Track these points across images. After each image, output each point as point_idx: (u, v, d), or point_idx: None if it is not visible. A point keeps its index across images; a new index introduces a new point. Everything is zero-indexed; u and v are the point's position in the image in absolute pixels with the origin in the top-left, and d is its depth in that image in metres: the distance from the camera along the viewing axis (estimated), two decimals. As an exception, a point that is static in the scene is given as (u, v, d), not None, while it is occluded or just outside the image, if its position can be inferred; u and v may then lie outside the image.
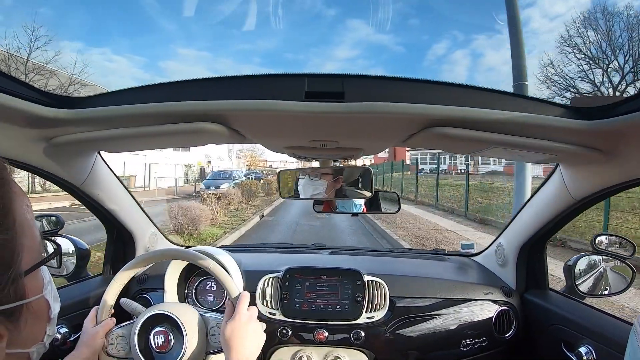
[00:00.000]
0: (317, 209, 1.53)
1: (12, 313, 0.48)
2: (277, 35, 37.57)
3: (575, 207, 1.17)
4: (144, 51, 35.00)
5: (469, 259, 1.78)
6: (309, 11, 34.44)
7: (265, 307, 1.36)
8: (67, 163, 1.09)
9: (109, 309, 1.01)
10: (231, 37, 34.27)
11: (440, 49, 38.73)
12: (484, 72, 38.40)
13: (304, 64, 39.77)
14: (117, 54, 34.89)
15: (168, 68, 37.04)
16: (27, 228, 0.51)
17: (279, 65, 44.53)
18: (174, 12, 17.31)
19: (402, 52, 41.34)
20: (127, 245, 1.53)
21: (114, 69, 34.33)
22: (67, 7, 24.65)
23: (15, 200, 0.50)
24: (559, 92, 16.74)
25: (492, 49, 34.59)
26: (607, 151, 0.87)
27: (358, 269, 1.39)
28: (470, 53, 37.84)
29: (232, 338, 0.88)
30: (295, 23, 35.46)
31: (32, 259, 0.51)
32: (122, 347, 0.97)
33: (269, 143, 1.12)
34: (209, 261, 1.01)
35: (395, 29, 36.74)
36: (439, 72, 40.34)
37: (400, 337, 1.34)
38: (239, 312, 0.91)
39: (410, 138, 0.95)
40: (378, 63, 42.38)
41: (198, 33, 37.20)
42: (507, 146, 0.90)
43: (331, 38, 38.88)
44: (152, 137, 0.93)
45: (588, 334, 1.13)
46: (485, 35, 31.25)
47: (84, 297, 1.31)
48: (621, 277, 1.29)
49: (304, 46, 40.51)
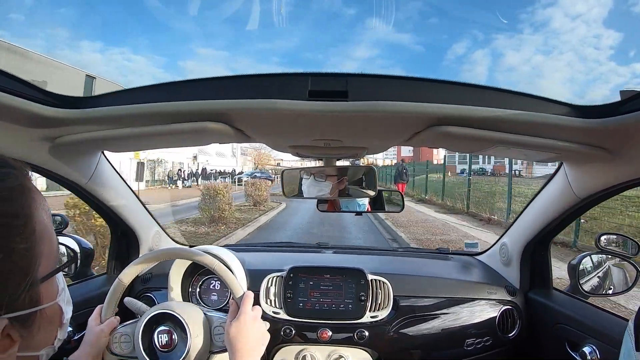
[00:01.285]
0: (321, 208, 1.52)
1: (26, 319, 0.48)
2: (296, 35, 37.80)
3: (580, 206, 1.16)
4: (163, 50, 35.19)
5: (473, 258, 1.77)
6: (328, 10, 34.65)
7: (269, 306, 1.36)
8: (71, 163, 1.09)
9: (113, 307, 1.02)
10: (250, 37, 34.51)
11: (460, 49, 38.86)
12: (505, 72, 38.54)
13: (323, 64, 39.93)
14: (136, 53, 35.06)
15: (187, 67, 37.24)
16: (46, 235, 0.51)
17: (298, 65, 44.76)
18: (192, 12, 17.38)
19: (421, 51, 41.50)
20: (131, 245, 1.53)
21: (134, 69, 34.50)
22: (87, 7, 24.82)
23: (35, 207, 0.50)
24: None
25: (512, 48, 34.65)
26: (612, 150, 0.87)
27: (362, 268, 1.39)
28: (490, 53, 37.99)
29: (237, 338, 0.88)
30: (315, 22, 35.67)
31: (49, 265, 0.51)
32: (126, 346, 0.98)
33: (272, 142, 1.12)
34: (214, 261, 1.01)
35: (415, 28, 36.94)
36: (459, 72, 40.55)
37: (403, 336, 1.34)
38: (243, 312, 0.91)
39: (415, 137, 0.95)
40: (397, 62, 42.63)
41: (217, 32, 37.43)
42: (512, 145, 0.89)
43: (350, 37, 39.04)
44: (156, 136, 0.93)
45: (592, 334, 1.13)
46: (506, 34, 31.30)
47: (88, 296, 1.32)
48: (625, 276, 1.29)
49: (322, 45, 40.69)
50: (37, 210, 0.50)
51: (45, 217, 0.52)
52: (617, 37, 25.92)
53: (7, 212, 0.46)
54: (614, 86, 27.71)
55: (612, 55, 26.36)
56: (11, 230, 0.45)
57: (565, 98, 0.80)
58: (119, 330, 0.99)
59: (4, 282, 0.44)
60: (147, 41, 29.63)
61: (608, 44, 26.47)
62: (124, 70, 29.30)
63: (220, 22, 24.32)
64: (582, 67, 28.33)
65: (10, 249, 0.45)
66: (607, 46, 26.72)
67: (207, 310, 1.03)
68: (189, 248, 1.05)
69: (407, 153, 49.07)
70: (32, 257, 0.47)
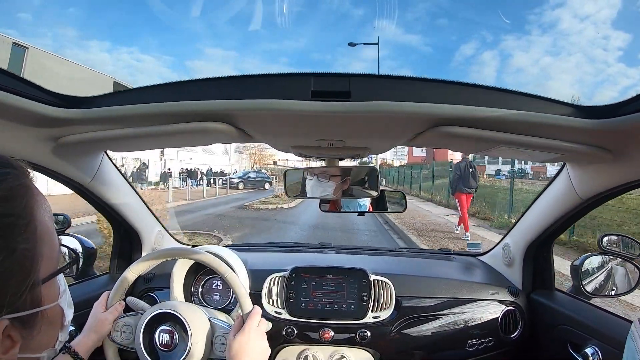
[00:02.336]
0: (324, 208, 1.53)
1: (27, 320, 0.48)
2: (305, 35, 37.50)
3: (582, 207, 1.16)
4: (172, 50, 35.04)
5: (475, 259, 1.77)
6: (337, 11, 34.43)
7: (271, 306, 1.36)
8: (74, 162, 1.10)
9: (120, 295, 1.02)
10: (258, 37, 34.16)
11: (468, 50, 38.63)
12: (513, 74, 38.29)
13: (331, 64, 39.59)
14: (145, 52, 34.96)
15: (195, 67, 36.87)
16: (47, 236, 0.50)
17: (306, 65, 44.49)
18: (198, 12, 17.28)
19: (430, 52, 41.32)
20: (134, 244, 1.54)
21: (142, 68, 34.37)
22: (96, 6, 24.74)
23: (37, 207, 0.49)
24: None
25: (521, 50, 34.37)
26: (615, 150, 0.86)
27: (364, 268, 1.38)
28: (499, 54, 37.74)
29: (239, 354, 0.87)
30: (323, 23, 35.51)
31: (50, 266, 0.51)
32: (127, 336, 0.98)
33: (275, 142, 1.12)
34: (227, 269, 1.00)
35: (424, 29, 36.69)
36: (468, 73, 40.24)
37: (406, 337, 1.34)
38: (248, 328, 0.90)
39: (417, 137, 0.95)
40: (406, 63, 42.42)
41: (225, 32, 37.25)
42: (515, 145, 0.89)
43: (359, 38, 38.77)
44: (159, 136, 0.93)
45: (594, 335, 1.13)
46: (514, 36, 31.04)
47: (90, 295, 1.32)
48: (628, 277, 1.29)
49: (331, 46, 40.39)
50: (38, 210, 0.50)
51: (46, 217, 0.51)
52: (626, 39, 25.98)
53: (8, 212, 0.45)
54: (622, 88, 27.64)
55: (621, 57, 26.35)
56: (12, 230, 0.45)
57: (574, 100, 0.79)
58: (122, 319, 1.00)
59: (5, 282, 0.44)
60: (155, 41, 29.69)
61: (617, 45, 26.50)
62: (132, 70, 29.26)
63: (227, 23, 24.19)
64: (591, 69, 28.35)
65: (12, 249, 0.44)
66: (615, 47, 26.73)
67: (211, 317, 1.02)
68: (207, 253, 1.03)
69: (420, 152, 48.41)
70: (33, 257, 0.47)
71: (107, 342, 0.99)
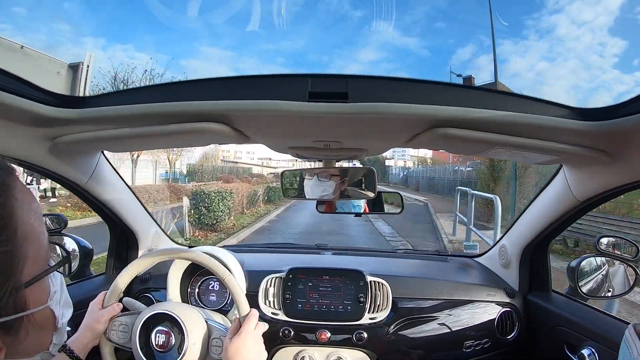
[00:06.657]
0: (320, 209, 1.53)
1: (10, 326, 0.45)
2: (303, 36, 37.25)
3: (579, 209, 1.16)
4: (167, 49, 34.68)
5: (472, 260, 1.77)
6: (335, 12, 34.19)
7: (268, 307, 1.36)
8: (70, 162, 1.09)
9: (118, 292, 1.02)
10: (256, 37, 33.86)
11: (465, 54, 38.54)
12: (509, 78, 38.15)
13: (328, 66, 39.40)
14: (140, 51, 34.73)
15: (190, 66, 36.54)
16: (32, 236, 0.48)
17: (303, 66, 44.17)
18: (198, 10, 17.11)
19: (427, 55, 41.15)
20: (130, 245, 1.53)
21: (137, 66, 33.87)
22: (91, 1, 24.40)
23: (18, 207, 0.47)
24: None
25: (517, 54, 34.37)
26: (612, 152, 0.87)
27: (361, 270, 1.38)
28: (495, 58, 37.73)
29: (235, 357, 0.87)
30: (321, 24, 35.26)
31: (36, 268, 0.49)
32: (123, 335, 0.98)
33: (272, 143, 1.12)
34: (225, 272, 0.99)
35: (421, 32, 36.53)
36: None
37: (402, 338, 1.34)
38: (245, 331, 0.90)
39: (414, 139, 0.95)
40: (403, 66, 42.20)
41: (222, 31, 36.90)
42: (512, 147, 0.89)
43: (356, 40, 38.56)
44: (156, 137, 0.93)
45: (591, 336, 1.13)
46: (512, 40, 31.02)
47: (87, 296, 1.31)
48: (624, 279, 1.29)
49: (328, 47, 40.13)
50: (20, 209, 0.47)
51: (32, 217, 0.49)
52: (622, 46, 26.03)
53: None
54: (617, 94, 27.58)
55: (617, 64, 26.44)
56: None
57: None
58: (118, 319, 0.99)
59: None
60: (151, 39, 29.40)
61: (613, 52, 26.50)
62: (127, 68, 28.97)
63: (225, 23, 23.86)
64: (586, 75, 28.43)
65: None
66: (611, 54, 26.75)
67: (208, 319, 1.02)
68: (207, 256, 1.02)
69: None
70: (13, 259, 0.45)
71: (103, 341, 0.98)
